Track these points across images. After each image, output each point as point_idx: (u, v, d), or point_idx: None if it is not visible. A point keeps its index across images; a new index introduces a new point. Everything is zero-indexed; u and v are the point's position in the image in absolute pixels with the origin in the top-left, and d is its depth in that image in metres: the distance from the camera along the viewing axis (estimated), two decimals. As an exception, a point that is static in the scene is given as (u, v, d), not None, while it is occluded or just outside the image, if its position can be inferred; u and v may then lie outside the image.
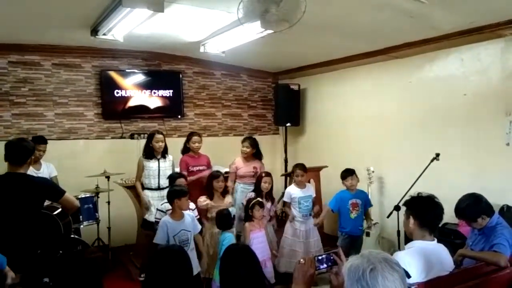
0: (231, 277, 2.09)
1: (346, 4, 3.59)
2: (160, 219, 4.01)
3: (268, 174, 4.57)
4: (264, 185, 4.44)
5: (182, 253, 2.18)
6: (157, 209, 4.16)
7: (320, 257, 1.84)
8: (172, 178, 4.34)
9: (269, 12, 2.96)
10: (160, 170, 4.70)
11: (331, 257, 1.84)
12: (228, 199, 4.44)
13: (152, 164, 4.70)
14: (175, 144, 5.30)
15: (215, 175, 4.41)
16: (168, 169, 4.77)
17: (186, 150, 5.06)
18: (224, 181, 4.49)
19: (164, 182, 4.64)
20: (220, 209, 4.03)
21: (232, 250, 2.24)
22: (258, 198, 4.25)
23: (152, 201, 4.62)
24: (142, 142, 5.14)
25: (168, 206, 4.07)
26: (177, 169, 4.89)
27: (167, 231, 3.59)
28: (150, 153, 4.72)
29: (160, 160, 4.74)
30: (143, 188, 4.70)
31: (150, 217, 4.51)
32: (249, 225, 4.08)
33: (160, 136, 4.73)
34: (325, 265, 1.83)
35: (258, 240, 4.07)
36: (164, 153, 4.80)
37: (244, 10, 2.92)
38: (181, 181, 4.23)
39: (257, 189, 4.47)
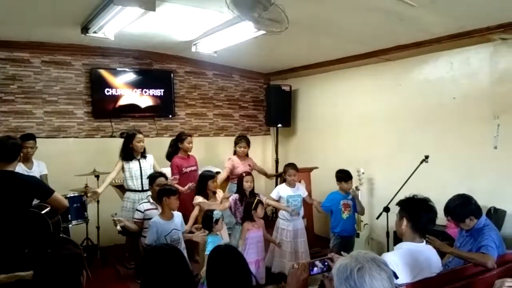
0: (218, 279, 2.07)
1: (338, 7, 3.60)
2: (139, 219, 3.97)
3: (249, 173, 4.55)
4: (246, 184, 4.41)
5: (175, 250, 2.15)
6: (136, 210, 4.10)
7: (314, 262, 1.86)
8: (152, 177, 4.28)
9: (253, 11, 3.01)
10: (142, 170, 4.63)
11: (326, 263, 1.86)
12: (220, 194, 4.39)
13: (133, 165, 4.61)
14: (166, 143, 5.27)
15: (211, 175, 4.37)
16: (149, 169, 4.69)
17: (176, 151, 5.02)
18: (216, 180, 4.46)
19: (147, 183, 4.57)
20: (207, 210, 3.94)
21: (218, 252, 2.21)
22: (258, 198, 4.21)
23: (135, 204, 4.50)
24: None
25: (146, 206, 4.03)
26: (164, 169, 4.82)
27: (157, 231, 3.55)
28: (129, 154, 4.63)
29: (141, 160, 4.67)
30: (127, 190, 4.64)
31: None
32: (248, 225, 4.03)
33: (141, 136, 4.67)
34: (319, 270, 1.85)
35: (256, 239, 4.05)
36: (143, 153, 4.73)
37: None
38: (161, 180, 4.18)
39: (240, 190, 4.45)
